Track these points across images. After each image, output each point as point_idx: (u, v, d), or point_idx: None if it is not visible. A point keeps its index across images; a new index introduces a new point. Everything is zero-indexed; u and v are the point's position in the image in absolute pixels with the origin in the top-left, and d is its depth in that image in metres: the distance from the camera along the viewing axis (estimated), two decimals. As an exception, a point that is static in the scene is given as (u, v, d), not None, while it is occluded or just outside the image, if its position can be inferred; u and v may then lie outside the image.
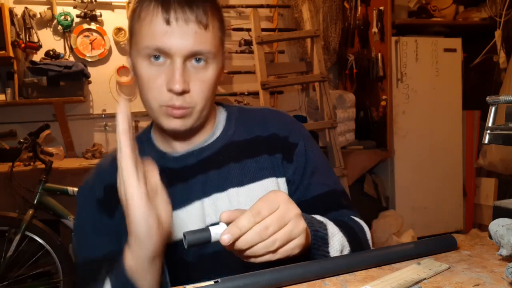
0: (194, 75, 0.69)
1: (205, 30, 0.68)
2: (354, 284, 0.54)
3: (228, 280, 0.52)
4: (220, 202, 0.76)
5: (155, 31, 0.66)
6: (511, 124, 0.62)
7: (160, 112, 0.71)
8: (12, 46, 2.60)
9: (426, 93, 2.94)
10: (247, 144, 0.80)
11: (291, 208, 0.57)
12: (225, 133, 0.81)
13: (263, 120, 0.83)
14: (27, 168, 2.28)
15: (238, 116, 0.84)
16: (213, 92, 0.74)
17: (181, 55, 0.67)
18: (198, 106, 0.71)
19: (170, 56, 0.67)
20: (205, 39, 0.68)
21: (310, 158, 0.82)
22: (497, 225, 0.56)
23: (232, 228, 0.53)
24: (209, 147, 0.79)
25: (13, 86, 2.66)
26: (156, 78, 0.69)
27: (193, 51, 0.67)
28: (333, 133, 2.50)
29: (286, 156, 0.81)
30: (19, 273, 2.18)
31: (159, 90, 0.69)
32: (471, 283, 0.53)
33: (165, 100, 0.69)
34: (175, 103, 0.69)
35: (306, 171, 0.81)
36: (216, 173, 0.77)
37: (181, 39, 0.66)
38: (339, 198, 0.83)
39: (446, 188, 3.02)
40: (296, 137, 0.83)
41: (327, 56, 3.27)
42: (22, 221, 2.06)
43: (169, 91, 0.68)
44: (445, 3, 3.07)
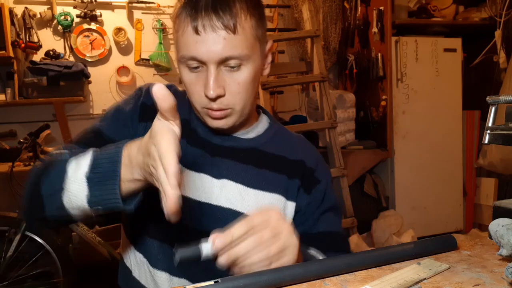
0: (229, 78, 0.72)
1: (234, 34, 0.68)
2: (354, 284, 0.54)
3: (228, 280, 0.52)
4: (227, 189, 0.78)
5: (187, 42, 0.69)
6: (511, 124, 0.62)
7: (203, 113, 0.75)
8: (12, 46, 2.60)
9: (426, 93, 2.94)
10: (272, 158, 0.83)
11: (284, 222, 0.58)
12: (258, 139, 0.84)
13: (296, 146, 0.87)
14: (27, 168, 2.28)
15: (277, 132, 0.87)
16: (252, 90, 0.76)
17: (213, 62, 0.69)
18: (237, 107, 0.74)
19: (204, 63, 0.70)
20: (235, 44, 0.69)
21: (327, 199, 0.85)
22: (497, 225, 0.56)
23: (224, 235, 0.54)
24: (237, 141, 0.82)
25: (13, 86, 2.66)
26: (196, 84, 0.73)
27: (224, 57, 0.69)
28: (333, 133, 2.50)
29: (305, 186, 0.83)
30: (19, 273, 2.18)
31: (198, 95, 0.73)
32: (471, 283, 0.53)
33: (204, 103, 0.73)
34: (212, 106, 0.72)
35: (321, 207, 0.84)
36: (233, 164, 0.80)
37: (211, 46, 0.68)
38: (341, 241, 0.85)
39: (446, 188, 3.02)
40: (321, 175, 0.86)
41: (327, 56, 3.27)
42: (22, 221, 2.06)
43: (206, 97, 0.71)
44: (445, 3, 3.07)
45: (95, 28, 2.92)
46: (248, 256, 0.55)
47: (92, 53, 2.92)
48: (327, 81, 2.54)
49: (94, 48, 2.92)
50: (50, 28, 2.88)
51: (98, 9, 2.90)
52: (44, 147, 2.40)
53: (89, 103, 2.99)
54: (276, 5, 3.23)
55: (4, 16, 2.56)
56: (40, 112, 2.85)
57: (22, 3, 2.79)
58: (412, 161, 2.93)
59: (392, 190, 2.94)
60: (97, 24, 2.93)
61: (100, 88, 2.98)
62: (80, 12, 2.86)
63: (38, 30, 2.79)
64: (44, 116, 2.83)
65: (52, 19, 2.85)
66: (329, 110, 2.51)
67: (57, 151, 0.73)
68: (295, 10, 3.13)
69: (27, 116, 2.83)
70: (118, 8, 2.99)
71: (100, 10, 2.91)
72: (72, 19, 2.84)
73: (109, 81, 2.99)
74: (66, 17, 2.82)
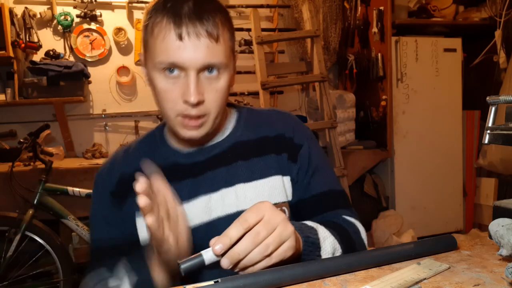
0: (208, 85, 0.73)
1: (216, 42, 0.71)
2: (354, 284, 0.54)
3: (228, 280, 0.52)
4: (227, 197, 0.79)
5: (168, 47, 0.69)
6: (511, 124, 0.62)
7: (177, 122, 0.74)
8: (12, 46, 2.60)
9: (426, 93, 2.94)
10: (254, 144, 0.84)
11: (276, 213, 0.59)
12: (234, 133, 0.85)
13: (270, 122, 0.88)
14: (27, 168, 2.28)
15: (247, 117, 0.88)
16: (226, 99, 0.77)
17: (195, 68, 0.70)
18: (212, 114, 0.75)
19: (184, 70, 0.71)
20: (217, 52, 0.71)
21: (312, 159, 0.86)
22: (497, 225, 0.56)
23: (222, 238, 0.56)
24: (218, 146, 0.83)
25: (13, 86, 2.65)
26: (172, 91, 0.72)
27: (206, 64, 0.70)
28: (333, 133, 2.50)
29: (291, 156, 0.84)
30: (19, 273, 2.18)
31: (175, 102, 0.72)
32: (471, 283, 0.53)
33: (181, 110, 0.72)
34: (190, 113, 0.72)
35: (308, 171, 0.85)
36: (224, 170, 0.81)
37: (194, 53, 0.69)
38: (337, 198, 0.86)
39: (446, 188, 3.02)
40: (300, 139, 0.86)
41: (327, 56, 3.27)
42: (22, 221, 2.06)
43: (185, 103, 0.71)
44: (445, 3, 3.07)
45: (95, 28, 2.92)
46: (248, 255, 0.56)
47: (92, 53, 2.92)
48: (327, 81, 2.54)
49: (94, 48, 2.92)
50: (50, 28, 2.88)
51: (98, 9, 2.90)
52: (44, 147, 2.41)
53: (89, 103, 2.99)
54: (276, 5, 3.23)
55: (4, 16, 2.56)
56: (40, 112, 2.85)
57: (22, 3, 2.79)
58: (412, 161, 2.93)
59: (392, 190, 2.94)
60: (97, 24, 2.93)
61: (100, 88, 2.98)
62: (80, 12, 2.86)
63: (38, 30, 2.79)
64: (44, 116, 2.83)
65: (52, 19, 2.84)
66: (329, 110, 2.51)
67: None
68: (295, 10, 3.13)
69: (27, 116, 2.83)
70: (118, 8, 2.99)
71: (100, 10, 2.91)
72: (72, 19, 2.84)
73: (109, 81, 2.99)
74: (66, 17, 2.82)
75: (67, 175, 2.29)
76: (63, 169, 2.32)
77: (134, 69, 3.01)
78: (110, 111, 3.01)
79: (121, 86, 3.03)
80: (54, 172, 2.21)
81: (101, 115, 2.99)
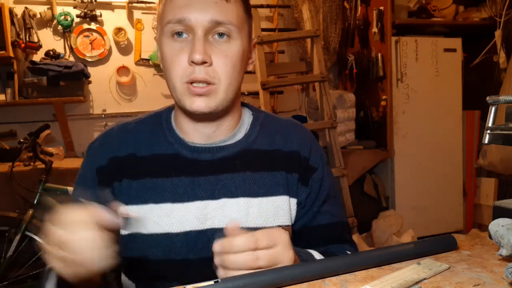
0: (217, 48, 0.69)
1: (226, 2, 0.68)
2: (354, 284, 0.54)
3: (228, 280, 0.52)
4: (228, 209, 0.73)
5: (176, 5, 0.68)
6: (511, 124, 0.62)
7: (183, 90, 0.69)
8: (12, 46, 2.60)
9: (426, 93, 2.94)
10: (266, 156, 0.78)
11: (287, 251, 0.58)
12: (247, 137, 0.78)
13: (287, 134, 0.81)
14: (27, 168, 2.28)
15: (264, 123, 0.82)
16: (238, 72, 0.72)
17: (202, 27, 0.67)
18: (222, 83, 0.69)
19: (191, 30, 0.68)
20: (226, 10, 0.68)
21: (324, 185, 0.81)
22: (497, 225, 0.56)
23: (225, 242, 0.55)
24: (227, 148, 0.76)
25: (13, 86, 2.65)
26: (179, 53, 0.68)
27: (214, 21, 0.67)
28: (333, 133, 2.50)
29: (303, 178, 0.79)
30: (19, 273, 2.18)
31: (181, 65, 0.68)
32: (471, 283, 0.52)
33: (187, 74, 0.68)
34: (197, 76, 0.67)
35: (319, 198, 0.80)
36: (229, 177, 0.74)
37: (202, 9, 0.67)
38: (342, 231, 0.82)
39: (446, 188, 3.02)
40: (316, 161, 0.81)
41: (327, 56, 3.27)
42: (22, 221, 2.06)
43: (191, 64, 0.67)
44: (445, 3, 3.07)
45: (95, 28, 2.92)
46: (238, 268, 0.55)
47: (92, 53, 2.92)
48: (327, 81, 2.54)
49: (94, 48, 2.92)
50: (50, 28, 2.88)
51: (98, 9, 2.90)
52: (44, 147, 2.40)
53: (89, 103, 2.99)
54: (276, 5, 3.23)
55: (4, 16, 2.56)
56: (40, 112, 2.85)
57: (22, 3, 2.79)
58: (412, 161, 2.93)
59: (392, 190, 2.94)
60: (97, 24, 2.93)
61: (100, 88, 2.98)
62: (80, 12, 2.86)
63: (38, 30, 2.79)
64: (44, 116, 2.83)
65: (52, 19, 2.84)
66: (329, 110, 2.51)
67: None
68: (295, 10, 3.13)
69: (27, 116, 2.83)
70: (118, 8, 2.99)
71: (100, 10, 2.91)
72: (72, 19, 2.84)
73: (109, 81, 2.99)
74: (66, 17, 2.82)
75: (67, 175, 2.28)
76: (63, 169, 2.32)
77: (134, 69, 3.01)
78: (110, 111, 3.01)
79: (121, 86, 3.03)
80: (54, 172, 2.21)
81: (101, 115, 2.99)
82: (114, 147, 0.77)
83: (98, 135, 0.81)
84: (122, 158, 0.76)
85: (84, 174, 0.78)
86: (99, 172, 0.76)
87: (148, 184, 0.74)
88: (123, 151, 0.76)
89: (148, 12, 3.04)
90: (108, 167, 0.75)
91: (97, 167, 0.76)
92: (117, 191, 0.74)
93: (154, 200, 0.73)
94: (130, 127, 0.79)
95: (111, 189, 0.75)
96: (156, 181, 0.74)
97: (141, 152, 0.76)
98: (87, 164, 0.78)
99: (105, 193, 0.74)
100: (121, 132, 0.79)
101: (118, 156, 0.76)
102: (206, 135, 0.76)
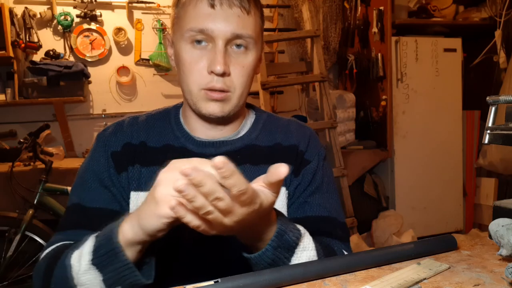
0: (235, 59, 0.72)
1: (248, 15, 0.70)
2: (354, 284, 0.54)
3: (228, 280, 0.52)
4: None
5: (199, 14, 0.69)
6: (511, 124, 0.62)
7: (200, 96, 0.72)
8: (12, 46, 2.60)
9: (426, 93, 2.94)
10: (267, 150, 0.81)
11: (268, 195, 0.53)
12: (249, 134, 0.82)
13: (287, 130, 0.84)
14: (27, 168, 2.28)
15: (265, 122, 0.85)
16: (251, 80, 0.76)
17: (224, 38, 0.69)
18: (237, 92, 0.73)
19: (212, 40, 0.69)
20: (247, 24, 0.70)
21: (316, 178, 0.80)
22: (497, 225, 0.56)
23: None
24: (230, 143, 0.80)
25: (13, 86, 2.66)
26: (198, 61, 0.71)
27: (235, 34, 0.69)
28: (333, 133, 2.50)
29: (296, 170, 0.80)
30: (19, 273, 2.17)
31: (200, 73, 0.71)
32: (471, 283, 0.53)
33: (205, 82, 0.71)
34: (215, 85, 0.70)
35: (307, 189, 0.80)
36: None
37: (225, 21, 0.68)
38: (334, 227, 0.78)
39: (446, 188, 3.02)
40: (312, 155, 0.82)
41: (327, 56, 3.27)
42: (22, 221, 2.06)
43: (211, 73, 0.70)
44: (445, 3, 3.07)
45: (95, 28, 2.92)
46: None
47: (92, 53, 2.92)
48: (327, 81, 2.54)
49: (94, 48, 2.92)
50: (50, 28, 2.88)
51: (98, 9, 2.90)
52: (44, 147, 2.40)
53: (89, 103, 2.99)
54: (276, 5, 3.23)
55: (4, 16, 2.56)
56: (40, 112, 2.85)
57: (22, 3, 2.79)
58: (412, 161, 2.93)
59: (392, 190, 2.94)
60: (97, 24, 2.93)
61: (100, 88, 2.98)
62: (80, 12, 2.86)
63: (38, 30, 2.79)
64: (44, 116, 2.83)
65: (52, 19, 2.84)
66: (329, 110, 2.51)
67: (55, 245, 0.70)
68: (295, 10, 3.13)
69: (27, 116, 2.83)
70: (118, 8, 2.99)
71: (100, 10, 2.91)
72: (72, 19, 2.84)
73: (109, 81, 2.99)
74: (66, 17, 2.82)
75: (67, 175, 2.29)
76: (63, 169, 2.32)
77: (134, 69, 3.01)
78: (110, 111, 3.01)
79: (121, 86, 3.03)
80: (54, 172, 2.21)
81: (101, 115, 2.99)
82: (127, 135, 0.79)
83: (109, 125, 0.83)
84: (135, 146, 0.78)
85: (97, 158, 0.77)
86: (114, 156, 0.77)
87: (157, 171, 0.74)
88: (135, 140, 0.79)
89: (148, 12, 3.04)
90: (122, 152, 0.77)
91: (111, 152, 0.77)
92: (131, 175, 0.76)
93: None
94: (141, 120, 0.82)
95: (126, 173, 0.76)
96: None
97: (151, 143, 0.79)
98: (99, 149, 0.78)
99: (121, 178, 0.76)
100: (132, 123, 0.81)
101: (131, 143, 0.78)
102: (212, 133, 0.80)
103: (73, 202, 0.76)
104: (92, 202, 0.74)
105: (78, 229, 0.71)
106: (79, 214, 0.74)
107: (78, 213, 0.74)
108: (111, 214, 0.72)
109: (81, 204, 0.74)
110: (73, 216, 0.75)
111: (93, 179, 0.76)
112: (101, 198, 0.75)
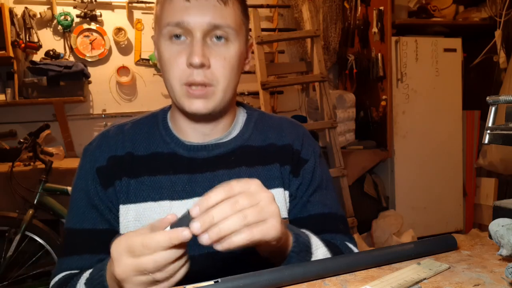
0: (215, 51, 0.70)
1: (225, 5, 0.69)
2: (354, 284, 0.54)
3: (228, 280, 0.52)
4: None
5: (175, 8, 0.68)
6: (511, 124, 0.62)
7: (182, 93, 0.71)
8: (12, 46, 2.60)
9: (426, 93, 2.94)
10: (261, 151, 0.79)
11: (264, 190, 0.55)
12: (241, 135, 0.80)
13: (280, 129, 0.83)
14: (27, 168, 2.28)
15: (257, 120, 0.84)
16: (236, 74, 0.73)
17: (201, 29, 0.68)
18: (220, 85, 0.71)
19: (190, 33, 0.69)
20: (224, 14, 0.69)
21: (315, 176, 0.81)
22: (497, 225, 0.56)
23: (200, 200, 0.51)
24: (223, 145, 0.78)
25: (13, 86, 2.66)
26: (177, 56, 0.69)
27: (213, 24, 0.68)
28: (333, 133, 2.50)
29: (294, 170, 0.80)
30: (19, 273, 2.18)
31: (179, 68, 0.69)
32: (471, 283, 0.53)
33: (186, 76, 0.69)
34: (195, 78, 0.68)
35: (309, 188, 0.80)
36: (225, 173, 0.76)
37: (201, 12, 0.68)
38: (336, 221, 0.81)
39: (446, 188, 3.02)
40: (308, 154, 0.82)
41: (327, 56, 3.27)
42: (22, 221, 2.06)
43: (190, 66, 0.68)
44: (445, 3, 3.07)
45: (95, 28, 2.92)
46: (223, 222, 0.50)
47: (92, 53, 2.92)
48: (327, 81, 2.54)
49: (94, 48, 2.92)
50: (50, 28, 2.88)
51: (98, 9, 2.90)
52: (44, 147, 2.40)
53: (89, 103, 2.99)
54: (276, 5, 3.23)
55: (4, 16, 2.56)
56: (40, 112, 2.85)
57: (22, 3, 2.79)
58: (412, 161, 2.93)
59: (392, 190, 2.94)
60: (97, 24, 2.93)
61: (100, 88, 2.98)
62: (80, 12, 2.86)
63: (38, 30, 2.79)
64: (44, 116, 2.83)
65: (52, 19, 2.84)
66: (329, 110, 2.51)
67: (57, 277, 0.72)
68: (295, 10, 3.13)
69: (27, 116, 2.83)
70: (118, 8, 2.99)
71: (100, 10, 2.91)
72: (72, 19, 2.84)
73: (109, 81, 2.99)
74: (66, 17, 2.82)
75: (67, 175, 2.29)
76: (63, 169, 2.32)
77: (134, 69, 3.01)
78: (110, 111, 3.01)
79: (121, 86, 3.03)
80: (54, 172, 2.21)
81: (101, 115, 2.99)
82: (112, 147, 0.77)
83: (94, 137, 0.81)
84: (121, 157, 0.76)
85: (84, 176, 0.77)
86: (99, 171, 0.76)
87: (146, 182, 0.74)
88: (121, 151, 0.76)
89: (148, 12, 3.04)
90: (108, 166, 0.76)
91: (97, 167, 0.76)
92: (118, 189, 0.75)
93: (152, 198, 0.74)
94: (126, 128, 0.80)
95: (113, 188, 0.75)
96: (154, 179, 0.74)
97: (138, 152, 0.77)
98: (85, 165, 0.77)
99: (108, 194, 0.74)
100: (117, 133, 0.79)
101: (116, 156, 0.76)
102: (203, 134, 0.78)
103: (66, 224, 0.77)
104: (82, 223, 0.74)
105: (75, 254, 0.72)
106: (72, 237, 0.75)
107: (72, 236, 0.75)
108: (100, 234, 0.73)
109: (71, 227, 0.75)
110: (68, 239, 0.75)
111: (81, 198, 0.76)
112: (88, 218, 0.74)
